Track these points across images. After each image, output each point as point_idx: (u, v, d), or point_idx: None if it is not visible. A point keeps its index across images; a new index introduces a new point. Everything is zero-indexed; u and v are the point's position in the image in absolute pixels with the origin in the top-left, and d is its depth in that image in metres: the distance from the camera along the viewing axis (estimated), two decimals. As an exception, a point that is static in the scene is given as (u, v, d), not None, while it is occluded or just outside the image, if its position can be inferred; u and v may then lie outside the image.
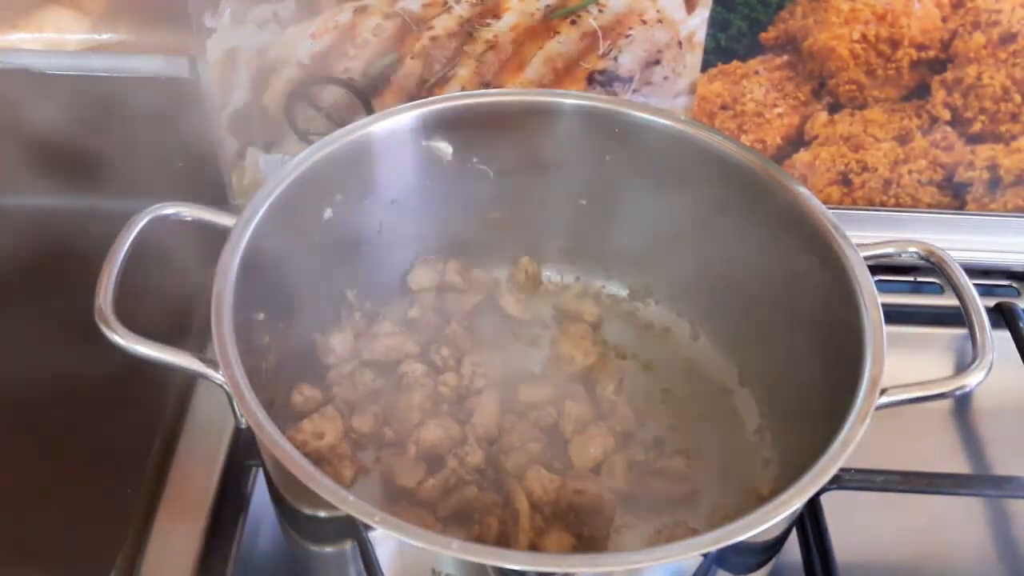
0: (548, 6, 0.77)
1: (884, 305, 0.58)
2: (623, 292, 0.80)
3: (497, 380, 0.71)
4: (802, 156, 0.85)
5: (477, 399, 0.68)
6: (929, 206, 0.87)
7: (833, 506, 0.67)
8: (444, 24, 0.78)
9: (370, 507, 0.46)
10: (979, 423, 0.78)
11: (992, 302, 0.82)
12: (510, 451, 0.65)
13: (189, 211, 0.62)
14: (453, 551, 0.45)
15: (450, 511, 0.62)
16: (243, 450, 0.70)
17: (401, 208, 0.73)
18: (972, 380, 0.55)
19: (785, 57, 0.80)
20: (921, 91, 0.82)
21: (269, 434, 0.50)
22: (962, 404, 0.80)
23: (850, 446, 0.51)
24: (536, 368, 0.74)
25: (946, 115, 0.83)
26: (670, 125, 0.70)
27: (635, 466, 0.66)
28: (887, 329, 0.57)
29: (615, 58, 0.80)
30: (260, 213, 0.61)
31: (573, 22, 0.78)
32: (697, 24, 0.78)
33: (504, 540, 0.60)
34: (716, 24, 0.78)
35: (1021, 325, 0.80)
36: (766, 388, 0.71)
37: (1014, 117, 0.82)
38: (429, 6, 0.77)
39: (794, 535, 0.66)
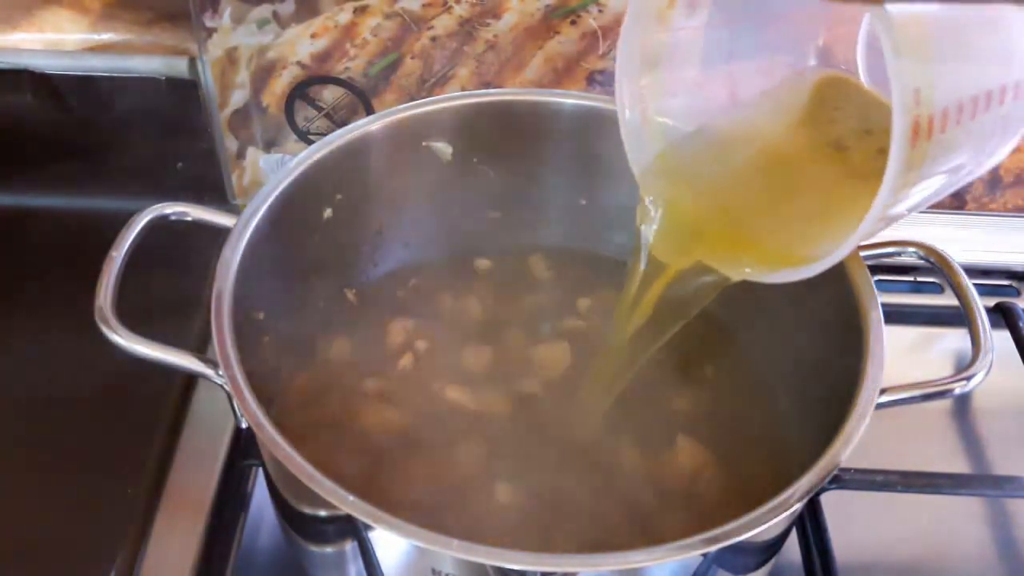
0: (548, 6, 0.77)
1: (884, 305, 0.58)
2: (623, 292, 0.80)
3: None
4: (802, 156, 0.85)
5: None
6: (929, 206, 0.87)
7: (833, 506, 0.67)
8: (444, 24, 0.78)
9: (370, 507, 0.46)
10: (979, 423, 0.78)
11: (992, 302, 0.82)
12: None
13: (189, 211, 0.62)
14: (453, 551, 0.45)
15: None
16: (243, 450, 0.70)
17: (401, 208, 0.73)
18: (972, 380, 0.55)
19: (785, 57, 0.80)
20: (921, 91, 0.82)
21: (269, 434, 0.50)
22: (962, 404, 0.80)
23: (850, 446, 0.51)
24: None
25: (946, 115, 0.82)
26: (670, 125, 0.70)
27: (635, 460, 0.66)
28: (887, 329, 0.57)
29: (615, 58, 0.80)
30: (260, 213, 0.61)
31: (573, 22, 0.78)
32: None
33: None
34: (716, 24, 0.78)
35: (1021, 325, 0.80)
36: (766, 388, 0.71)
37: (1014, 117, 0.82)
38: (429, 6, 0.77)
39: (794, 535, 0.66)
